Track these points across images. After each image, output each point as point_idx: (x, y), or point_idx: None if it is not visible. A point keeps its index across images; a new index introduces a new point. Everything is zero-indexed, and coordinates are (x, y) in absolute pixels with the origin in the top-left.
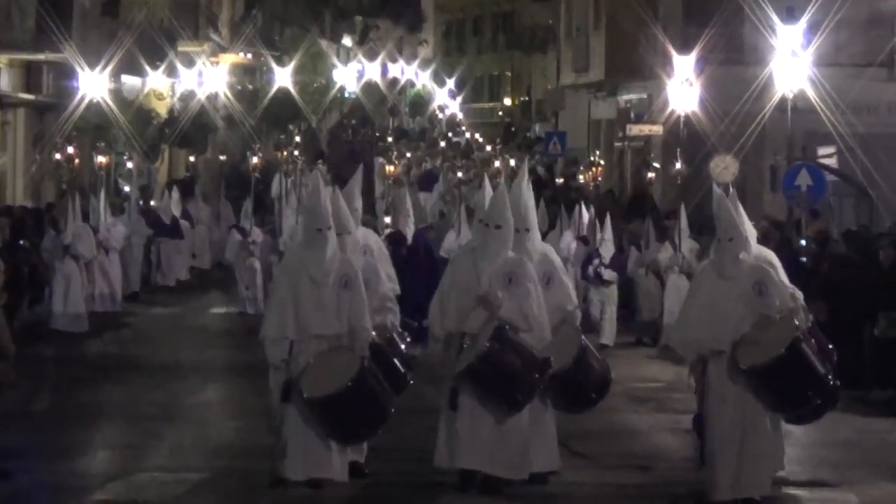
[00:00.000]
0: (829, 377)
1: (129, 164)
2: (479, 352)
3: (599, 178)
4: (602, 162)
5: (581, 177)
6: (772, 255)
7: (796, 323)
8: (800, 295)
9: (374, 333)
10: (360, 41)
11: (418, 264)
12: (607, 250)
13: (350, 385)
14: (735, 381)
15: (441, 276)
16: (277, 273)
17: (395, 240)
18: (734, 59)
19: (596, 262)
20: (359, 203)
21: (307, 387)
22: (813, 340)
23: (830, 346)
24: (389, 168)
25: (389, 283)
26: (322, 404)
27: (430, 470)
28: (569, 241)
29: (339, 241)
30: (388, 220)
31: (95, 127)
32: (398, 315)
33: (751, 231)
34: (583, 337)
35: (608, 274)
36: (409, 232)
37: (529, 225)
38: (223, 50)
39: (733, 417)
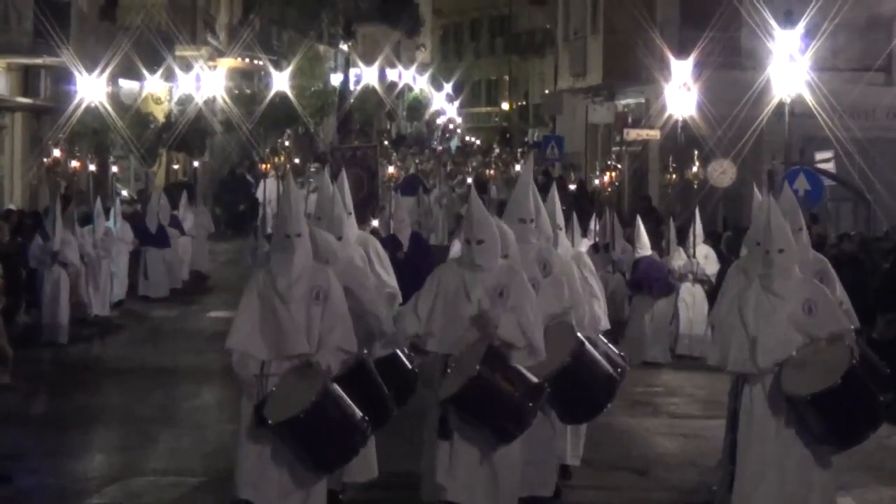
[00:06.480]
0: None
1: (114, 168)
2: (467, 377)
3: (617, 183)
4: (620, 166)
5: (596, 181)
6: (825, 262)
7: (851, 346)
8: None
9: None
10: (345, 38)
11: (416, 267)
12: (681, 258)
13: (308, 409)
14: (777, 407)
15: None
16: (250, 281)
17: (391, 243)
18: (732, 63)
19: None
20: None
21: (269, 412)
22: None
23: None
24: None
25: (387, 288)
26: (280, 430)
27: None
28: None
29: (321, 249)
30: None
31: (93, 131)
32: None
33: (805, 237)
34: (578, 333)
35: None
36: (405, 236)
37: (506, 243)
38: (221, 54)
39: (773, 444)
